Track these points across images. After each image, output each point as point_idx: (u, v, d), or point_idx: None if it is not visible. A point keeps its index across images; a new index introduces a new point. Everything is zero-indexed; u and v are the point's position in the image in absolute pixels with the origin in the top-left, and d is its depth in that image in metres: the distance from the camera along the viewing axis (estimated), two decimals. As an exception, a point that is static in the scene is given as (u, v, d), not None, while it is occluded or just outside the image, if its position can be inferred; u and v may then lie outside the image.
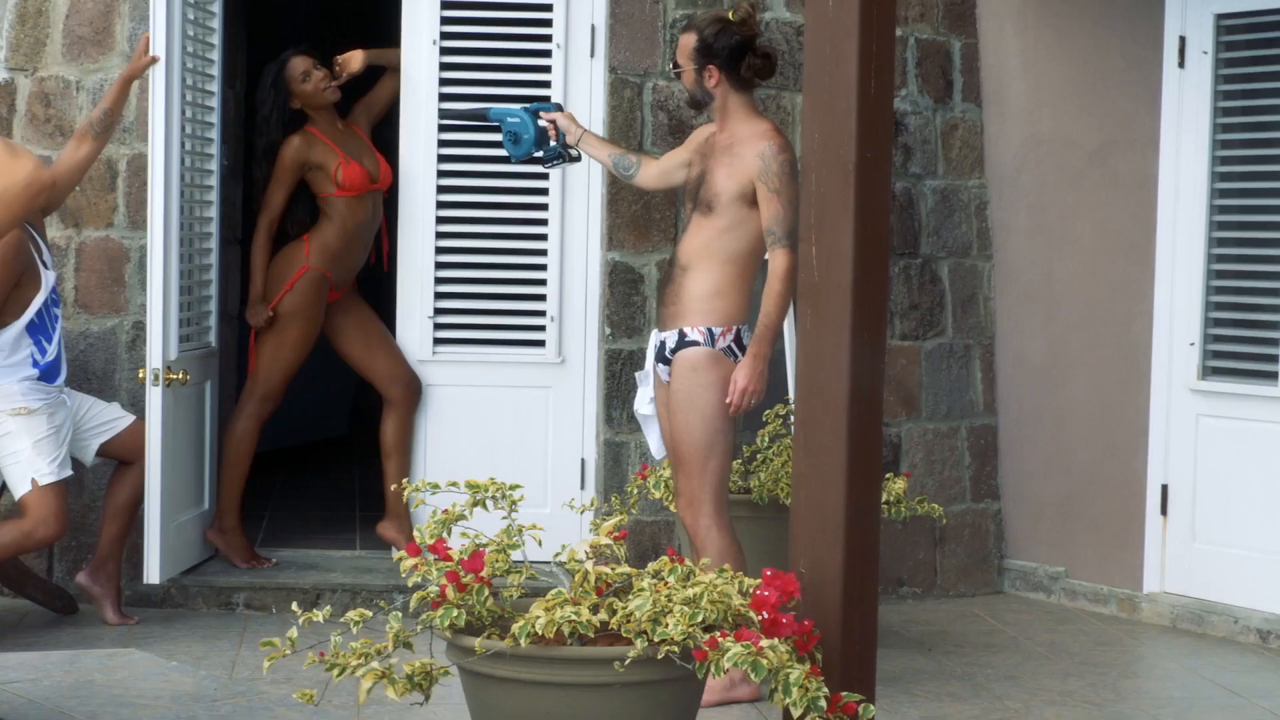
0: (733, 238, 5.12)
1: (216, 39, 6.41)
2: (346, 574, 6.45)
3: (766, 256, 5.13)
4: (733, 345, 5.12)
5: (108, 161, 6.42)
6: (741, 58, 5.14)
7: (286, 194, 6.53)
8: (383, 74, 6.74)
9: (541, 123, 5.54)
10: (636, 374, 5.56)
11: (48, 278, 5.75)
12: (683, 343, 5.13)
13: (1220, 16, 6.38)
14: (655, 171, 5.45)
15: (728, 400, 5.08)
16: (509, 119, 5.55)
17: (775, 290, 5.05)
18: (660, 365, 5.22)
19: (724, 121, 5.20)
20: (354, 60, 6.60)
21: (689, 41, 5.19)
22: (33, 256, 5.69)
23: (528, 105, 5.62)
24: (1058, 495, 6.85)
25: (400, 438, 6.55)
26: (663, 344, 5.20)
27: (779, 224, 5.05)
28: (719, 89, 5.17)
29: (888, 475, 5.76)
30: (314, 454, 9.47)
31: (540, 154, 5.55)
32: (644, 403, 5.43)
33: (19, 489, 5.70)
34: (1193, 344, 6.46)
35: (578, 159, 5.61)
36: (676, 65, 5.25)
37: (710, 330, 5.11)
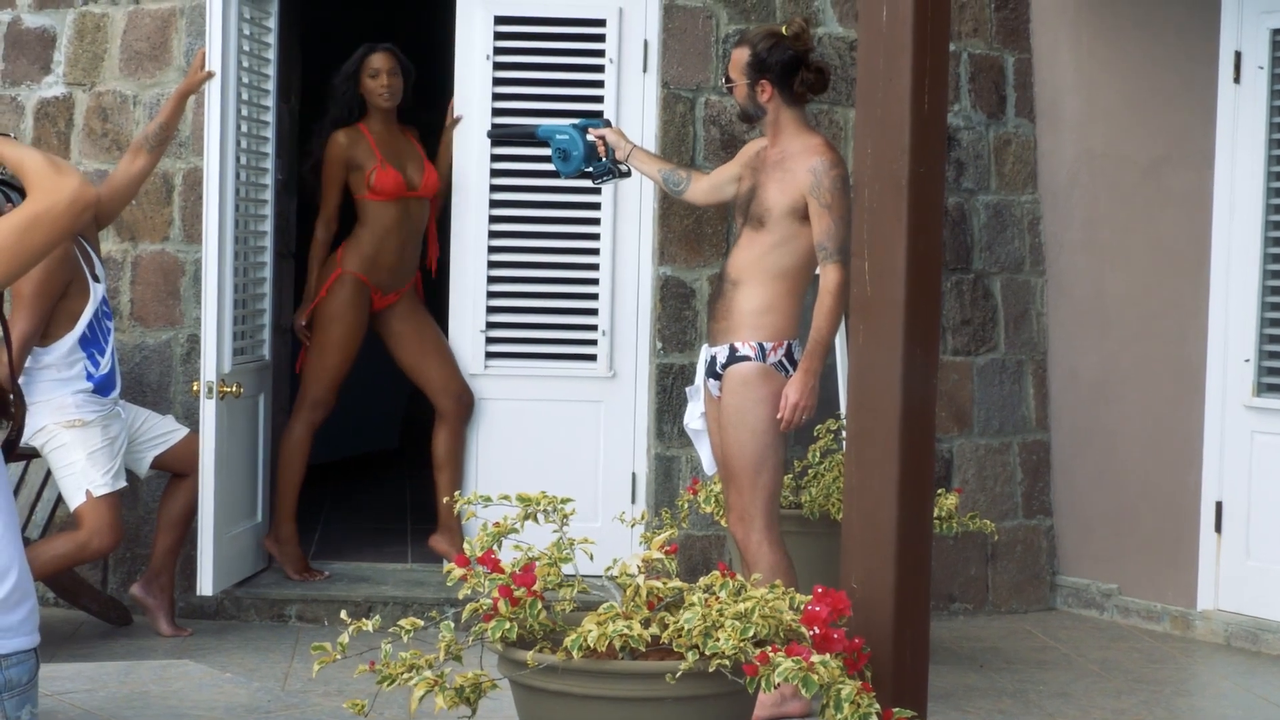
0: (784, 253, 5.12)
1: (272, 54, 6.46)
2: (398, 587, 6.47)
3: (818, 271, 5.13)
4: (783, 360, 5.11)
5: (163, 175, 6.47)
6: (795, 72, 5.13)
7: (338, 192, 6.57)
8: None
9: (590, 139, 5.54)
10: (687, 389, 5.56)
11: (96, 290, 5.79)
12: (734, 358, 5.12)
13: (1276, 31, 6.34)
14: (705, 186, 5.44)
15: (779, 416, 5.07)
16: (558, 136, 5.55)
17: (827, 306, 5.05)
18: (711, 380, 5.22)
19: (776, 136, 5.19)
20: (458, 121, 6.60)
21: (742, 56, 5.19)
22: (80, 268, 5.74)
23: (576, 122, 5.61)
24: (1111, 512, 6.81)
25: (452, 450, 6.57)
26: (713, 359, 5.19)
27: (831, 239, 5.04)
28: (771, 104, 5.16)
29: (939, 491, 5.74)
30: (366, 467, 9.51)
31: (590, 170, 5.55)
32: (694, 418, 5.43)
33: (74, 500, 5.74)
34: (1247, 360, 6.42)
35: (628, 174, 5.61)
36: (729, 80, 5.24)
37: (761, 345, 5.10)
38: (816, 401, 5.10)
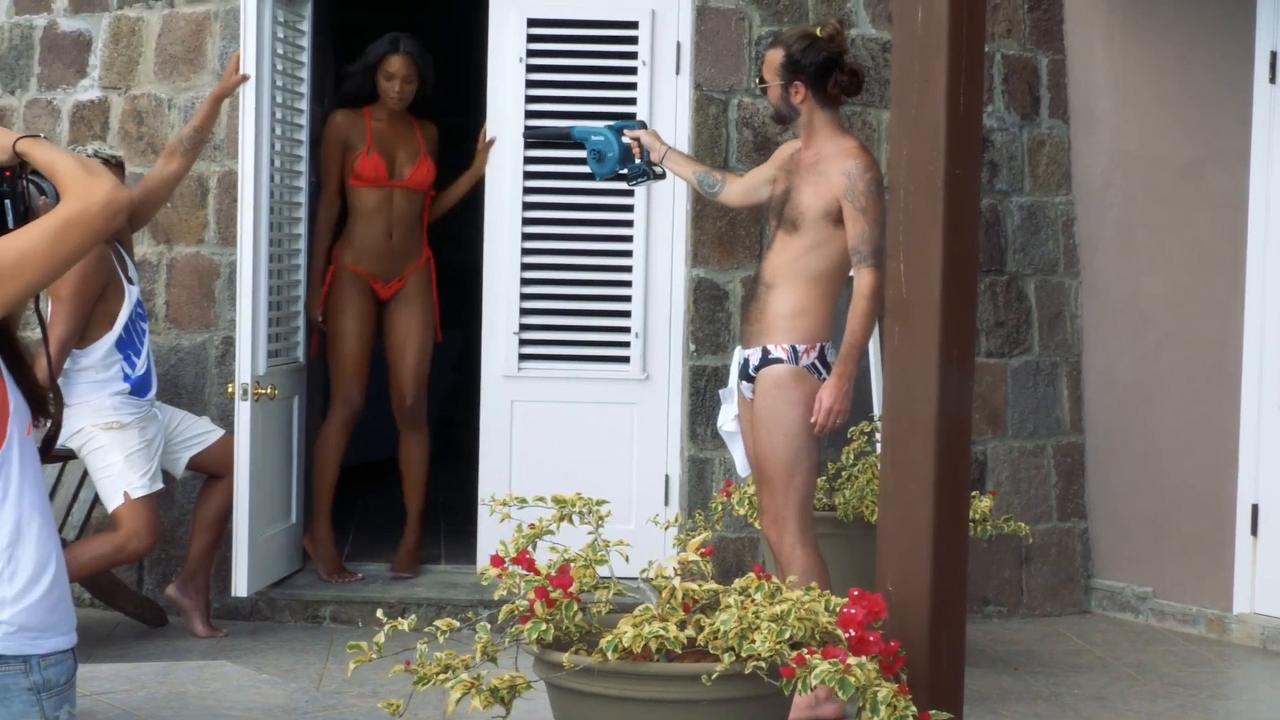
0: (817, 256, 5.10)
1: (306, 57, 6.48)
2: (431, 589, 6.49)
3: (852, 274, 5.12)
4: (816, 363, 5.09)
5: (198, 178, 6.50)
6: (829, 74, 5.12)
7: (337, 171, 6.60)
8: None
9: (625, 140, 5.53)
10: (720, 391, 5.56)
11: (130, 292, 5.82)
12: (766, 360, 5.11)
13: (1312, 31, 6.32)
14: (740, 189, 5.43)
15: (812, 420, 5.06)
16: (593, 137, 5.54)
17: (861, 309, 5.03)
18: (744, 382, 5.21)
19: (809, 138, 5.18)
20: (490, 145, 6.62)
21: (776, 57, 5.17)
22: (116, 270, 5.78)
23: (611, 123, 5.61)
24: (1146, 514, 6.79)
25: (407, 460, 6.73)
26: (746, 361, 5.18)
27: (865, 242, 5.02)
28: (805, 105, 5.14)
29: (973, 493, 5.72)
30: (397, 469, 9.49)
31: (625, 171, 5.54)
32: (728, 420, 5.43)
33: (111, 502, 5.77)
34: (1284, 362, 6.39)
35: (662, 176, 5.60)
36: (763, 81, 5.23)
37: (794, 348, 5.08)
38: (850, 405, 5.09)
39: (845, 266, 5.13)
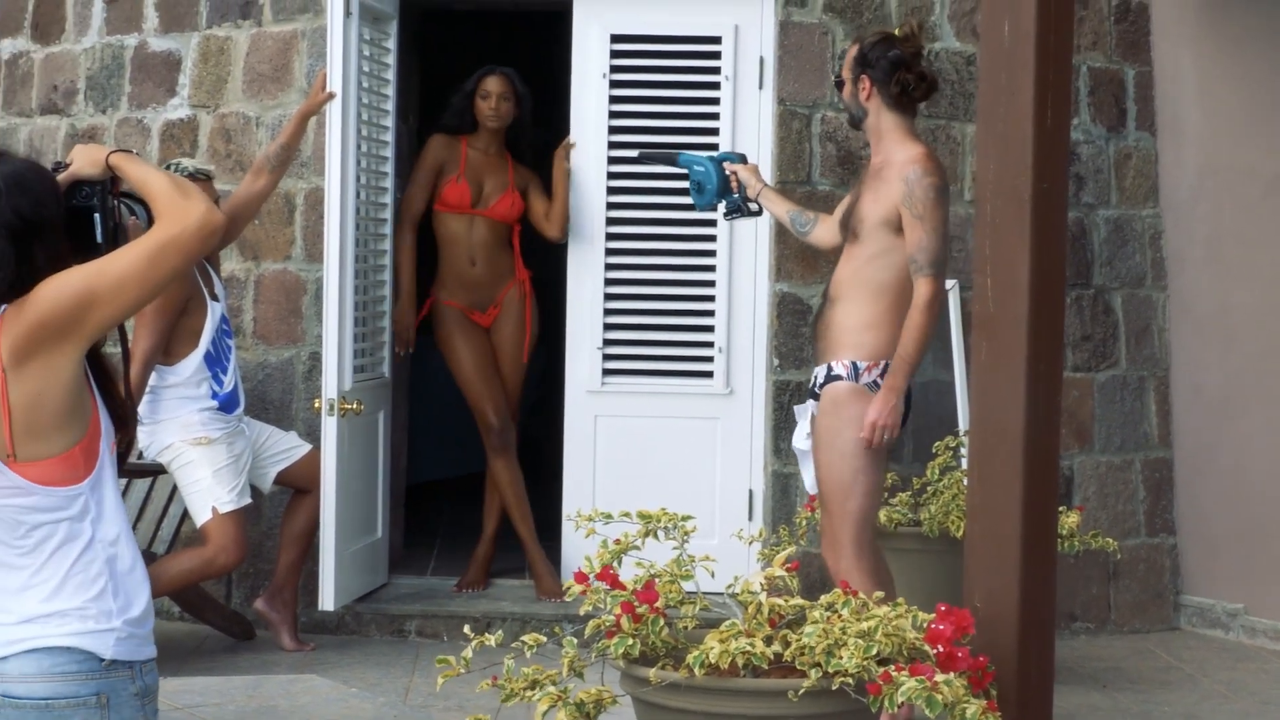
0: (880, 266, 4.92)
1: (391, 74, 6.53)
2: (516, 603, 6.51)
3: None
4: (879, 380, 4.90)
5: (285, 195, 6.56)
6: (896, 73, 4.98)
7: (424, 193, 6.63)
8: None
9: (726, 171, 5.44)
10: (795, 407, 5.50)
11: (214, 309, 5.88)
12: (829, 377, 4.95)
13: (1405, 41, 6.24)
14: (830, 227, 5.30)
15: (861, 435, 4.88)
16: (695, 167, 5.41)
17: (915, 322, 4.83)
18: (811, 400, 5.09)
19: (877, 143, 5.02)
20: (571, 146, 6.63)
21: (852, 52, 5.07)
22: (198, 285, 5.84)
23: (715, 154, 5.53)
24: (1236, 530, 6.71)
25: (493, 483, 6.70)
26: (814, 378, 5.10)
27: (922, 252, 4.84)
28: (872, 104, 4.97)
29: (1060, 509, 5.67)
30: (482, 483, 9.53)
31: (721, 207, 5.46)
32: (801, 438, 5.24)
33: (200, 517, 5.82)
34: (1377, 376, 6.31)
35: (758, 213, 5.48)
36: (840, 79, 5.14)
37: (855, 364, 4.91)
38: (900, 420, 4.88)
39: (907, 278, 4.91)
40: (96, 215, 2.74)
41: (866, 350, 4.91)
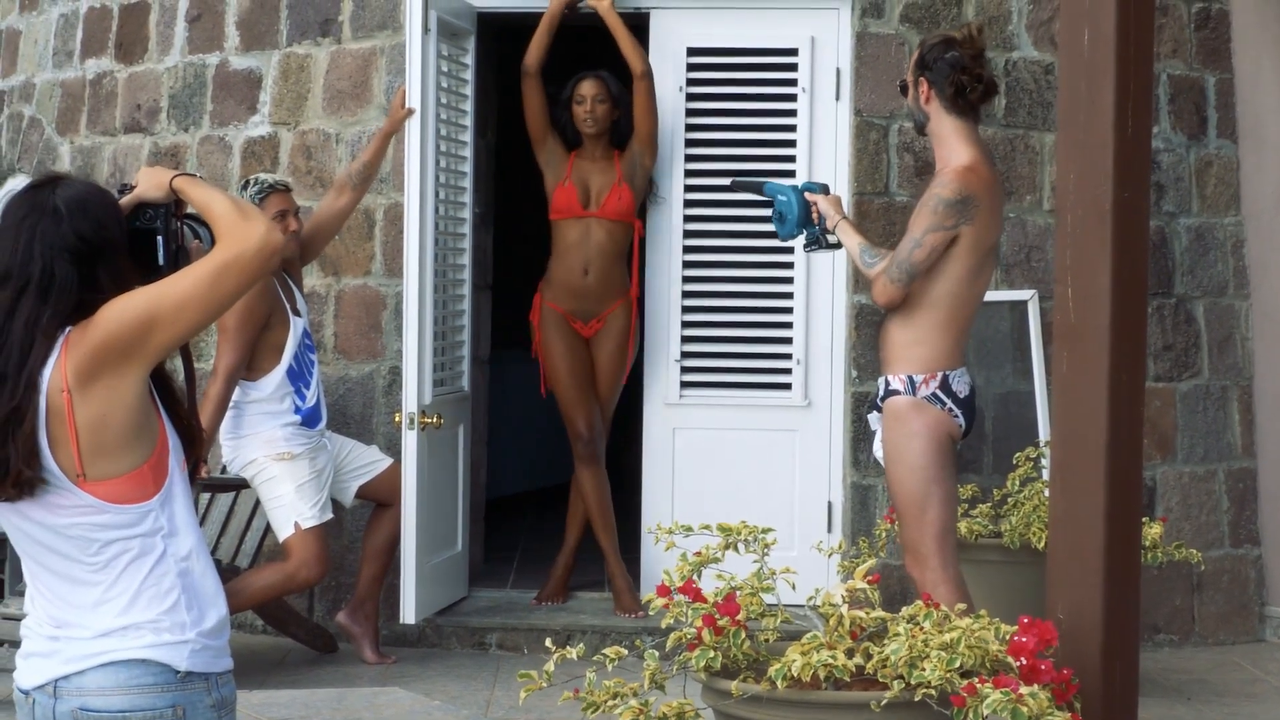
0: (930, 278, 4.82)
1: (469, 90, 6.57)
2: (596, 616, 6.52)
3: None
4: (938, 392, 4.82)
5: (365, 211, 6.61)
6: (951, 74, 4.86)
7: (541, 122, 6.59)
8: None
9: (808, 200, 5.37)
10: (868, 416, 5.46)
11: (296, 324, 5.93)
12: (888, 392, 4.89)
13: None
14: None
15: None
16: (779, 197, 5.35)
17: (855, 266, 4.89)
18: (873, 414, 5.05)
19: (938, 148, 4.93)
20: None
21: (915, 54, 5.05)
22: (280, 301, 5.89)
23: (799, 183, 5.45)
24: (1322, 541, 6.63)
25: (578, 495, 6.65)
26: (877, 389, 5.05)
27: (896, 251, 4.81)
28: (931, 107, 4.88)
29: (1143, 520, 5.63)
30: (563, 495, 9.56)
31: (802, 236, 5.39)
32: (879, 449, 5.29)
33: (282, 532, 5.87)
34: None
35: (837, 246, 5.39)
36: (904, 83, 5.03)
37: (911, 378, 4.84)
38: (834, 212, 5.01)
39: (964, 289, 4.85)
40: (159, 238, 2.76)
41: (919, 364, 4.84)
